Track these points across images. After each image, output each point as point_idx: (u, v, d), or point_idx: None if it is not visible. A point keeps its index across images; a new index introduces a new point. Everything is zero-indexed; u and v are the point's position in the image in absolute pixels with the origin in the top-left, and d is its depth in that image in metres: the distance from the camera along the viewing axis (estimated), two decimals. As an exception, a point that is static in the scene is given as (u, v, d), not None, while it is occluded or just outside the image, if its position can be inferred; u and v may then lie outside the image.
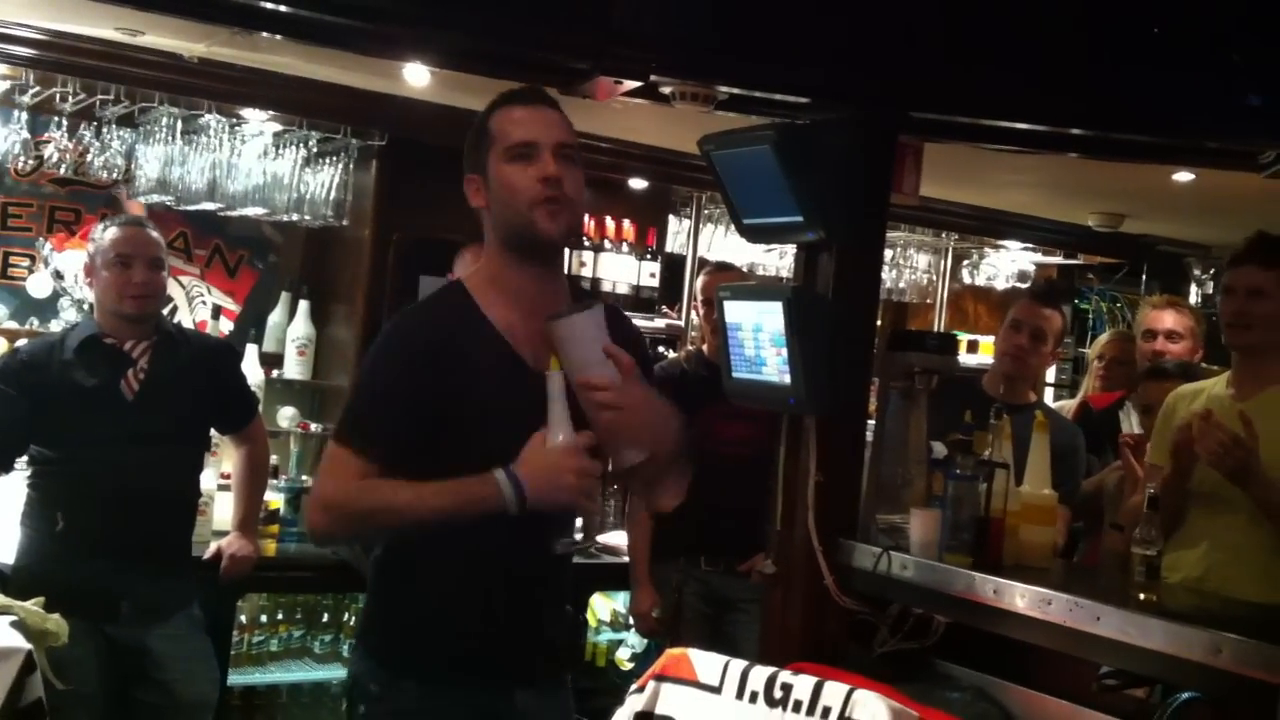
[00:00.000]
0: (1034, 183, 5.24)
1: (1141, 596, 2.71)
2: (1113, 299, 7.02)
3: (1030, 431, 3.13)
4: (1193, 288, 6.73)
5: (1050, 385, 6.52)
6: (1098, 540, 4.16)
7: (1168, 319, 4.61)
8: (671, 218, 5.99)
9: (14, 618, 3.17)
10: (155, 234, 3.68)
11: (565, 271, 2.55)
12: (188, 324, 4.99)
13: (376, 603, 2.55)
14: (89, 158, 4.61)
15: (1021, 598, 2.79)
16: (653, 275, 5.64)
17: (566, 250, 5.33)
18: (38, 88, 4.41)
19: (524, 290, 2.41)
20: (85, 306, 4.14)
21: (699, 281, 4.83)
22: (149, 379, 3.57)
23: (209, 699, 3.73)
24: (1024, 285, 6.76)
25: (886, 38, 3.25)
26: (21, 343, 3.94)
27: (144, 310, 3.59)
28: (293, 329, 5.10)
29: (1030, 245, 6.66)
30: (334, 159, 4.88)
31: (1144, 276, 6.79)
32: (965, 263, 6.84)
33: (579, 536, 2.87)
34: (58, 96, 4.44)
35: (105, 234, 3.63)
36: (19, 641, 3.07)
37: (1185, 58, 3.25)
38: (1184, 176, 4.65)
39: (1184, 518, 3.36)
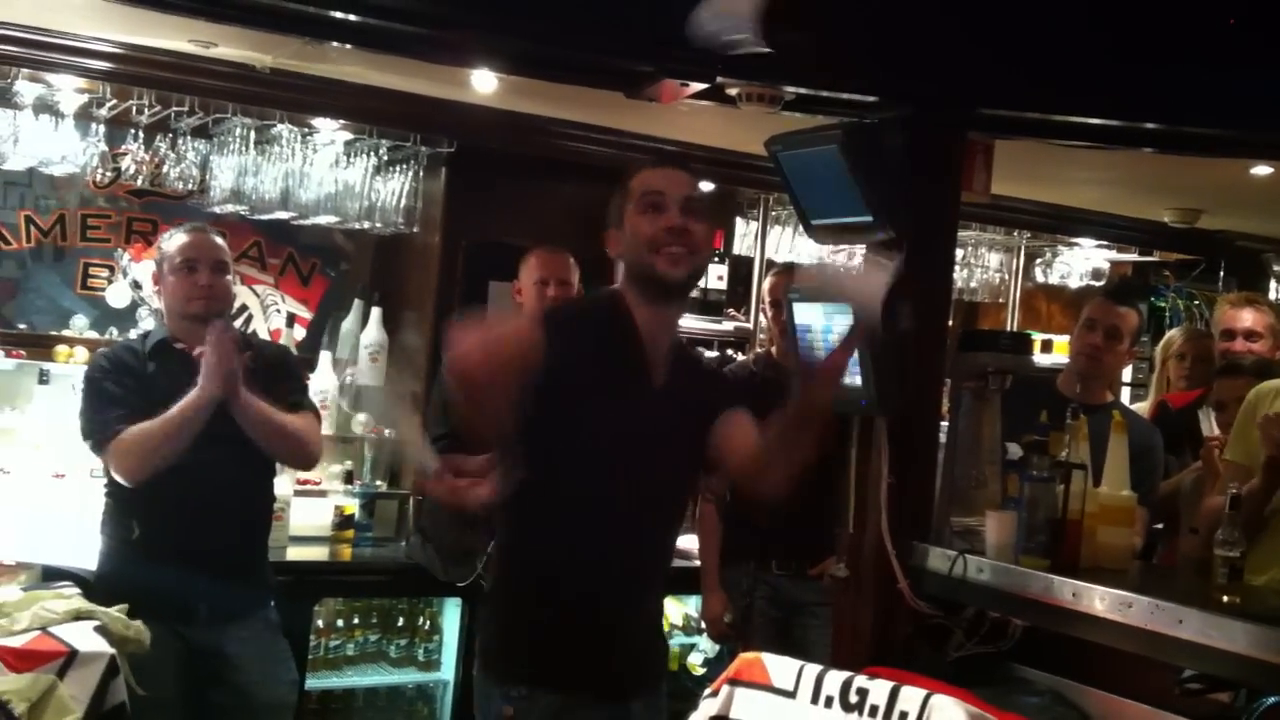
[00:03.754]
0: (1107, 179, 5.17)
1: (1224, 599, 2.66)
2: (1189, 296, 6.89)
3: (1107, 431, 3.09)
4: (1272, 284, 6.59)
5: (1126, 385, 6.42)
6: (1175, 542, 4.09)
7: (1246, 318, 4.52)
8: (738, 220, 5.97)
9: (98, 623, 3.23)
10: (219, 239, 3.73)
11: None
12: (263, 332, 5.06)
13: (498, 623, 2.67)
14: (165, 169, 4.68)
15: (1101, 600, 2.75)
16: (720, 278, 5.63)
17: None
18: (114, 101, 4.49)
19: (655, 316, 2.64)
20: (161, 316, 4.20)
21: (766, 283, 4.81)
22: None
23: (287, 701, 3.77)
24: (1098, 284, 6.66)
25: (954, 34, 3.22)
26: (102, 348, 4.01)
27: (210, 310, 3.62)
28: (365, 335, 5.14)
29: (1104, 243, 6.56)
30: (403, 167, 4.92)
31: (1221, 273, 6.67)
32: (1038, 261, 6.75)
33: None
34: (134, 109, 4.52)
35: (170, 241, 3.69)
36: (103, 646, 3.13)
37: (1261, 50, 3.19)
38: (1262, 170, 4.56)
39: (1267, 526, 3.29)
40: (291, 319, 5.17)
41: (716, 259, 5.63)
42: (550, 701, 2.48)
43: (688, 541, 5.06)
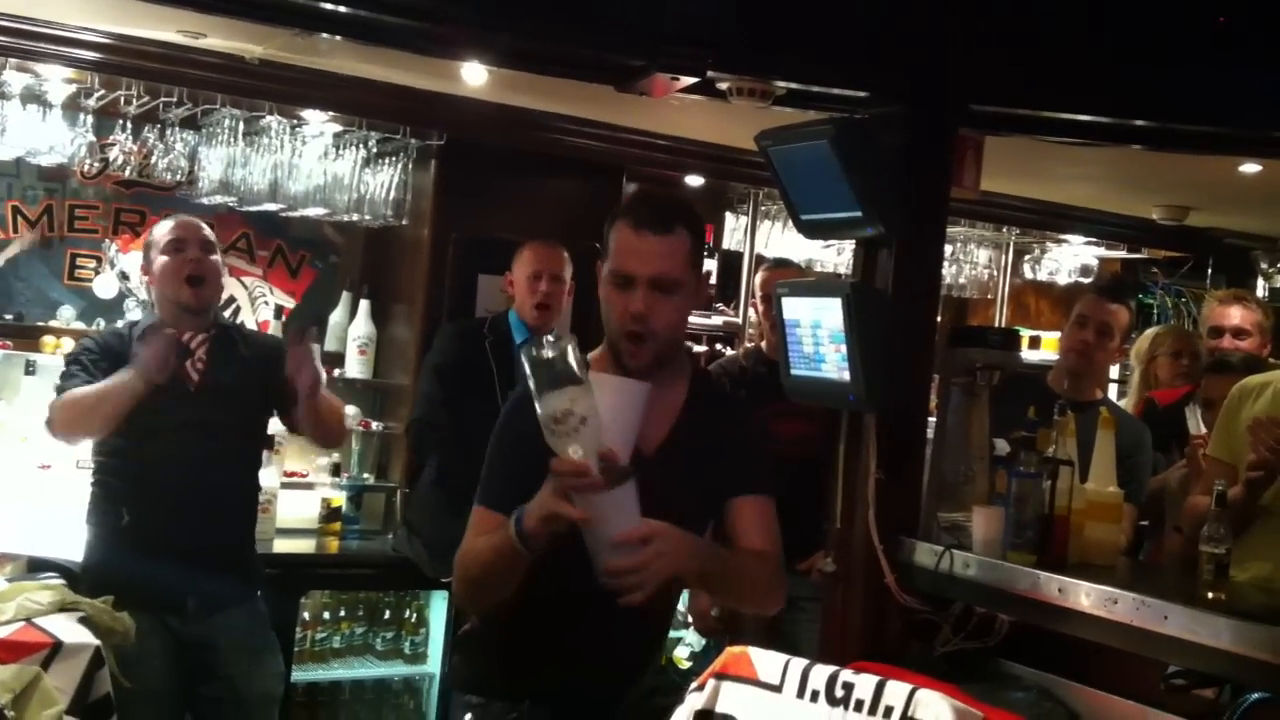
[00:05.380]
0: (1096, 176, 5.18)
1: (1210, 595, 2.66)
2: (1177, 294, 6.91)
3: (1095, 428, 3.09)
4: (1259, 281, 6.61)
5: (1115, 381, 6.44)
6: (1162, 539, 4.10)
7: (1235, 315, 4.53)
8: (728, 215, 5.98)
9: (82, 614, 3.22)
10: (206, 227, 3.75)
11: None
12: (250, 324, 5.05)
13: (467, 634, 2.70)
14: (153, 160, 4.67)
15: (1087, 596, 2.75)
16: (709, 273, 5.63)
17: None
18: (102, 91, 4.47)
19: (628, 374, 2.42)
20: (150, 306, 4.20)
21: (758, 278, 4.81)
22: (208, 370, 3.61)
23: (274, 693, 3.77)
24: (1086, 280, 6.67)
25: (945, 31, 3.22)
26: (90, 333, 4.01)
27: (201, 299, 3.63)
28: (354, 328, 5.14)
29: (1093, 239, 6.58)
30: (393, 159, 4.91)
31: (1210, 270, 6.68)
32: (1027, 257, 6.76)
33: None
34: (122, 99, 4.50)
35: (157, 230, 3.73)
36: (88, 638, 3.13)
37: (1251, 48, 3.19)
38: (1250, 168, 4.57)
39: (1252, 521, 3.30)
40: (280, 311, 5.16)
41: (706, 253, 5.63)
42: (503, 709, 2.47)
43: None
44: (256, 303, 5.19)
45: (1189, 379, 4.64)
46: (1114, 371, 6.39)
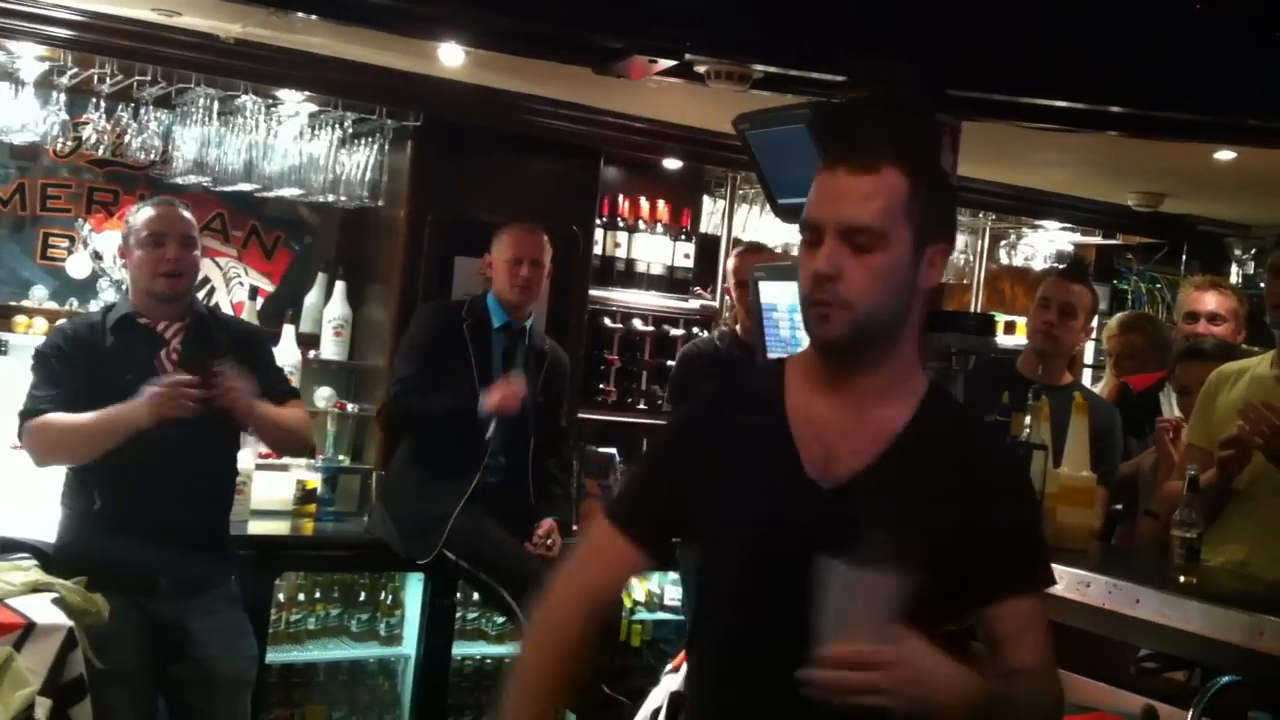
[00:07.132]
0: (1072, 162, 5.19)
1: (1181, 579, 2.69)
2: (1152, 279, 6.94)
3: (1067, 412, 3.11)
4: (1233, 268, 6.64)
5: (1088, 366, 6.47)
6: (1135, 523, 4.13)
7: (1210, 300, 4.56)
8: (706, 198, 5.96)
9: (55, 595, 3.21)
10: (187, 214, 3.71)
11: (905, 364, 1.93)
12: (225, 305, 5.02)
13: None
14: (127, 139, 4.63)
15: (1059, 580, 2.76)
16: (687, 256, 5.63)
17: (601, 234, 5.34)
18: (76, 69, 4.43)
19: (832, 381, 1.90)
20: (123, 287, 4.17)
21: (729, 263, 4.81)
22: (183, 359, 3.59)
23: (247, 676, 3.76)
24: (1062, 266, 6.69)
25: (923, 15, 3.22)
26: (62, 321, 3.97)
27: (176, 289, 3.61)
28: (329, 310, 5.12)
29: (1069, 225, 6.60)
30: (369, 140, 4.89)
31: (1184, 256, 6.71)
32: (1002, 243, 6.78)
33: None
34: (95, 78, 4.47)
35: (138, 214, 3.67)
36: (60, 619, 3.11)
37: (1227, 36, 3.21)
38: (1225, 155, 4.59)
39: (1223, 511, 3.32)
40: (255, 292, 5.13)
41: (683, 237, 5.62)
42: None
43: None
44: (231, 283, 5.16)
45: (1161, 365, 4.67)
46: (1089, 356, 6.43)
